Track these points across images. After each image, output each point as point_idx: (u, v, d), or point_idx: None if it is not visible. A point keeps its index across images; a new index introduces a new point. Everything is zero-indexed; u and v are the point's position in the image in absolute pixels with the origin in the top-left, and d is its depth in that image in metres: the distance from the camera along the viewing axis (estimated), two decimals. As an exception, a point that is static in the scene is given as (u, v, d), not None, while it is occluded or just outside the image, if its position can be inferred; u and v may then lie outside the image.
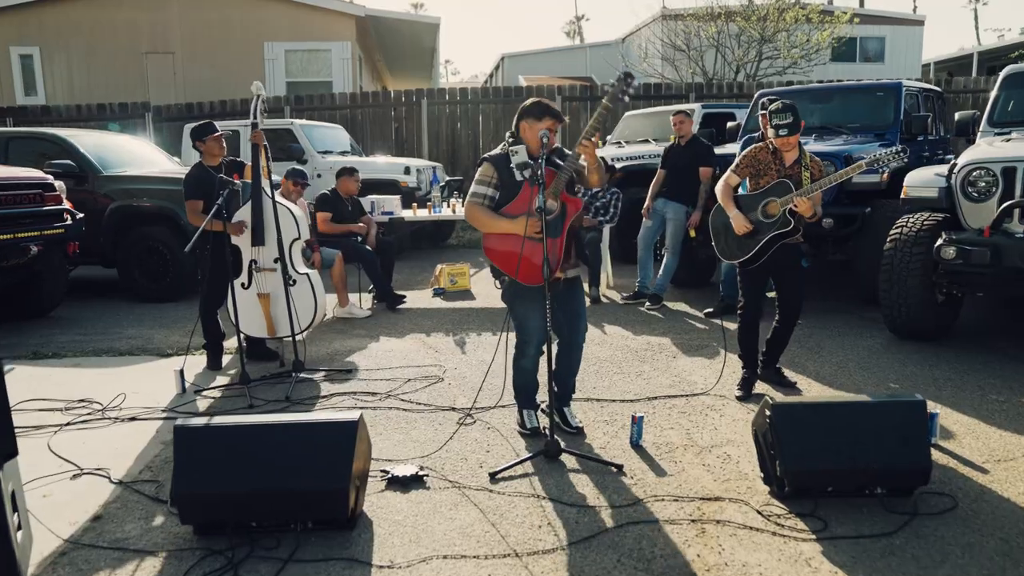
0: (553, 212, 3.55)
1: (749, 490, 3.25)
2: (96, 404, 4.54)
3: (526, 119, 3.62)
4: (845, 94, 7.56)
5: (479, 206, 3.62)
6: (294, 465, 2.95)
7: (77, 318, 6.85)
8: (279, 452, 2.97)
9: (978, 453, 3.56)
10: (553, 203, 3.55)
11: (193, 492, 2.91)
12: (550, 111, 3.59)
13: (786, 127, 4.15)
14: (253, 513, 2.96)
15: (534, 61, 22.65)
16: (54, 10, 14.71)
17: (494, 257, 3.64)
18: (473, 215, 3.64)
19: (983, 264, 4.51)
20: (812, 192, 4.11)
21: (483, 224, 3.63)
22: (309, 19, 15.39)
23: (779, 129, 4.16)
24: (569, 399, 4.04)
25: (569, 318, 3.85)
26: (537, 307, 3.68)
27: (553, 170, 3.58)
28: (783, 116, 4.16)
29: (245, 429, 3.05)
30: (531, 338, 3.79)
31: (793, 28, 14.68)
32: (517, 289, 3.68)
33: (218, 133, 5.12)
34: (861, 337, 5.54)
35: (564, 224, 3.57)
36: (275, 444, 2.99)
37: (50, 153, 7.44)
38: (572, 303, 3.84)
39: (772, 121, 4.19)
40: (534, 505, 3.18)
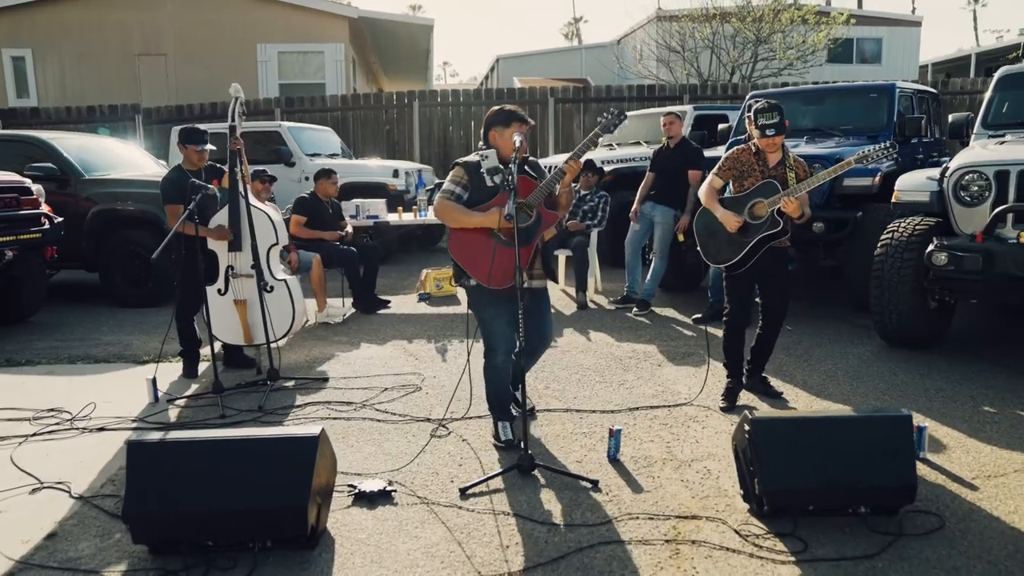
0: (528, 220, 3.52)
1: (728, 508, 3.12)
2: (66, 413, 4.43)
3: (494, 127, 3.61)
4: (838, 96, 7.45)
5: (449, 201, 3.57)
6: (251, 482, 2.83)
7: (57, 324, 6.73)
8: (236, 468, 2.85)
9: (968, 468, 3.44)
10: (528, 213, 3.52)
11: (145, 511, 2.80)
12: (516, 116, 3.57)
13: (773, 127, 4.05)
14: (209, 531, 2.84)
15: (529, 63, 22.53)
16: (46, 12, 14.61)
17: (459, 257, 3.56)
18: (443, 208, 3.58)
19: (975, 271, 4.39)
20: (801, 191, 4.00)
21: (454, 218, 3.56)
22: (302, 21, 15.28)
23: (765, 129, 4.05)
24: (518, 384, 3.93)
25: (537, 326, 3.78)
26: (503, 313, 3.64)
27: (529, 178, 3.57)
28: (769, 116, 4.06)
29: (200, 444, 2.94)
30: (498, 345, 3.70)
31: (789, 29, 14.56)
32: (483, 294, 3.62)
33: (205, 148, 5.00)
34: (852, 345, 5.41)
35: (536, 233, 3.53)
36: (232, 460, 2.87)
37: (33, 156, 7.32)
38: (538, 315, 3.77)
39: (758, 121, 4.08)
40: (503, 523, 3.06)
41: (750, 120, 4.04)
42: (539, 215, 3.53)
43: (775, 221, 4.06)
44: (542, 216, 3.53)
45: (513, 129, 3.52)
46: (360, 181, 9.41)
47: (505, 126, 3.55)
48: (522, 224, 3.46)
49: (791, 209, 3.99)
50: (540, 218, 3.53)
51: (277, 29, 15.20)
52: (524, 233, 3.45)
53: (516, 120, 3.54)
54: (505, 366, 3.78)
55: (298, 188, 9.73)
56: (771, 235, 4.09)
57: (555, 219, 3.56)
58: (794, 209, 3.98)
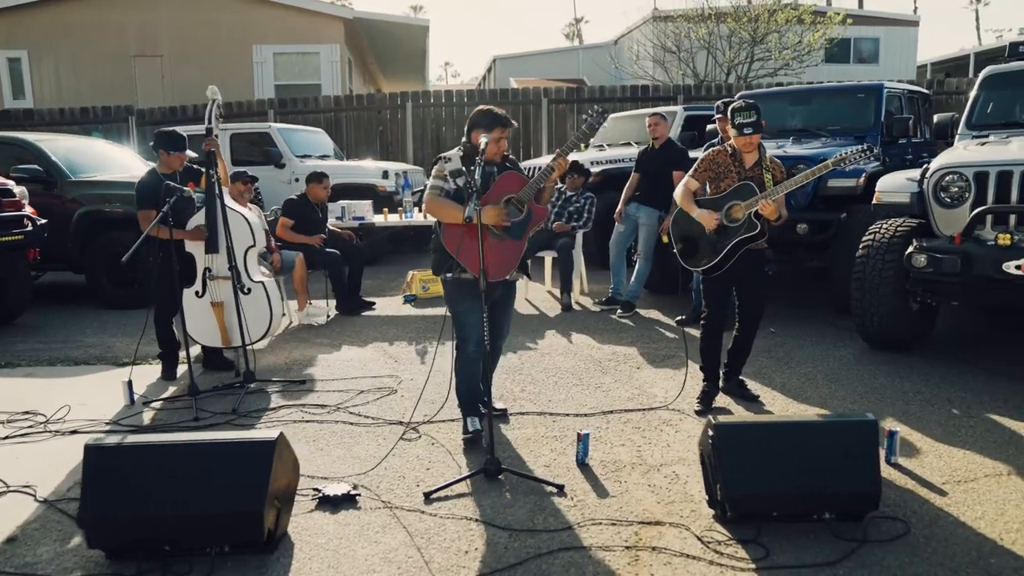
0: (520, 216, 3.60)
1: (693, 513, 3.09)
2: (40, 416, 4.41)
3: (476, 129, 3.64)
4: (826, 96, 7.41)
5: (437, 197, 3.61)
6: (208, 486, 2.81)
7: (41, 325, 6.72)
8: (193, 472, 2.83)
9: (939, 473, 3.40)
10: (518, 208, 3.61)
11: (101, 515, 2.78)
12: (499, 120, 3.61)
13: (750, 125, 4.01)
14: (165, 536, 2.81)
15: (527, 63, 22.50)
16: (42, 13, 14.63)
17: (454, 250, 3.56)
18: (432, 203, 3.61)
19: (953, 273, 4.35)
20: (778, 194, 3.96)
21: (444, 213, 3.58)
22: (298, 22, 15.28)
23: (743, 128, 4.01)
24: None
25: (495, 319, 3.81)
26: (478, 305, 3.64)
27: (516, 173, 3.64)
28: (746, 115, 4.02)
29: (158, 448, 2.92)
30: (471, 335, 3.74)
31: (785, 29, 14.50)
32: (461, 287, 3.66)
33: (184, 153, 5.00)
34: (833, 347, 5.37)
35: (527, 229, 3.59)
36: (189, 464, 2.85)
37: (19, 158, 7.31)
38: (504, 305, 3.87)
39: (735, 120, 4.04)
40: (465, 528, 3.04)
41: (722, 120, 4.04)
42: (530, 210, 3.59)
43: (752, 224, 4.02)
44: (532, 211, 3.59)
45: (495, 134, 3.56)
46: (350, 182, 9.39)
47: (488, 129, 3.57)
48: (514, 219, 3.57)
49: (768, 212, 3.95)
50: (531, 213, 3.60)
51: (273, 30, 15.20)
52: (516, 228, 3.56)
53: (499, 125, 3.58)
54: (475, 356, 3.78)
55: (287, 189, 9.72)
56: (748, 238, 4.05)
57: (545, 214, 3.66)
58: (771, 212, 3.95)
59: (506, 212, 3.53)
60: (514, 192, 3.57)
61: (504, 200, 3.55)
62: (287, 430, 4.10)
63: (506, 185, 3.57)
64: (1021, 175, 4.34)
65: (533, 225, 3.60)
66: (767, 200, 3.93)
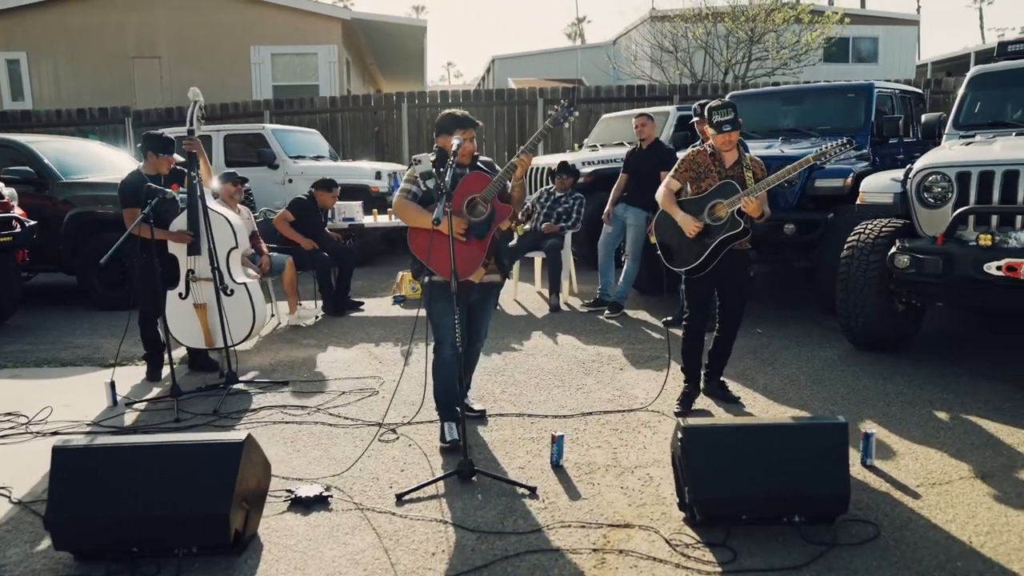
0: (483, 215, 3.61)
1: (663, 516, 3.08)
2: (22, 417, 4.42)
3: (441, 135, 3.71)
4: (816, 96, 7.38)
5: (405, 200, 3.67)
6: (175, 488, 2.81)
7: (32, 327, 6.74)
8: (160, 474, 2.83)
9: (914, 476, 3.38)
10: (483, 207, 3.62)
11: (68, 516, 2.78)
12: (460, 122, 3.66)
13: (728, 123, 3.99)
14: (133, 537, 2.82)
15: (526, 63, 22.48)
16: (40, 15, 14.67)
17: (420, 254, 3.57)
18: (400, 207, 3.68)
19: (935, 273, 4.33)
20: (760, 190, 3.94)
21: (410, 217, 3.65)
22: (295, 23, 15.29)
23: (721, 126, 4.00)
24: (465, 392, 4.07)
25: (473, 323, 3.87)
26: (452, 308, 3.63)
27: (482, 173, 3.65)
28: (724, 112, 4.00)
29: (125, 450, 2.92)
30: (446, 337, 3.75)
31: (783, 29, 14.46)
32: (436, 289, 3.68)
33: (171, 156, 5.02)
34: (819, 348, 5.35)
35: (491, 227, 3.60)
36: (156, 466, 2.85)
37: (11, 160, 7.33)
38: (481, 309, 3.88)
39: (712, 118, 4.02)
40: (434, 530, 3.03)
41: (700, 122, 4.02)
42: (493, 209, 3.61)
43: (736, 222, 4.01)
44: (496, 210, 3.61)
45: (460, 135, 3.58)
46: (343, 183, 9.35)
47: (450, 134, 3.63)
48: (477, 218, 3.58)
49: (751, 209, 3.92)
50: (494, 212, 3.61)
51: (270, 31, 15.21)
52: (479, 227, 3.57)
53: (461, 127, 3.62)
54: (452, 359, 3.78)
55: (281, 190, 9.75)
56: (732, 236, 4.03)
57: (508, 212, 3.65)
58: (754, 208, 3.93)
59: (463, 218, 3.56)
60: (478, 192, 3.58)
61: (467, 199, 3.57)
62: (266, 431, 4.14)
63: (470, 185, 3.59)
64: (1003, 175, 4.32)
65: (496, 223, 3.61)
66: (750, 197, 3.91)
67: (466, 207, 3.60)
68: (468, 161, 3.68)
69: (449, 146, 3.56)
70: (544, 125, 3.53)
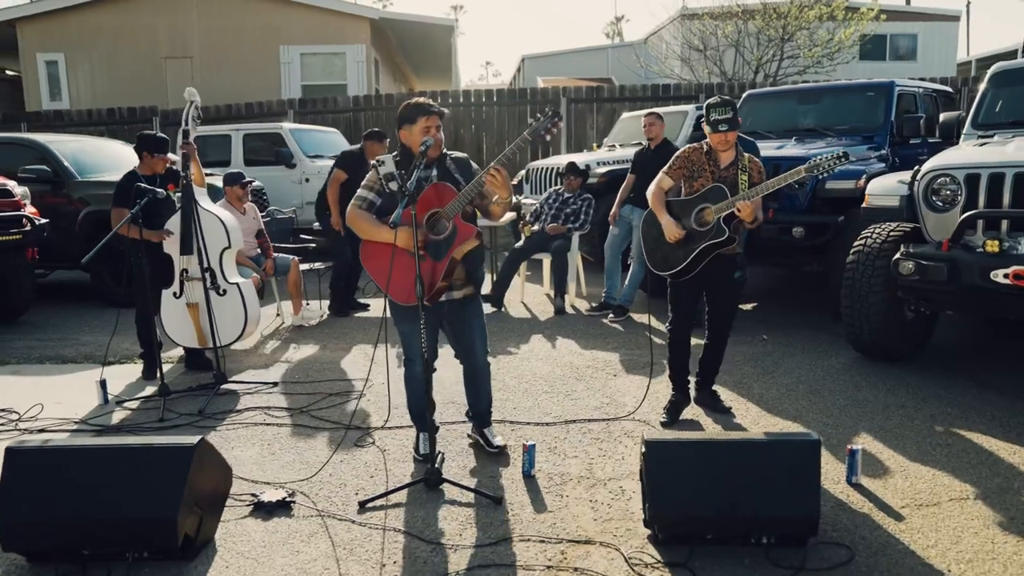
0: (444, 233, 3.32)
1: (628, 532, 2.96)
2: (15, 414, 4.48)
3: (402, 126, 3.42)
4: (835, 94, 7.13)
5: (359, 210, 3.40)
6: (125, 491, 2.79)
7: (43, 323, 6.86)
8: (111, 477, 2.82)
9: (900, 496, 3.20)
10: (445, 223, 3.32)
11: (16, 518, 2.77)
12: (421, 109, 3.34)
13: (726, 122, 3.81)
14: (83, 540, 2.80)
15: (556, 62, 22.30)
16: (77, 17, 15.01)
17: (369, 268, 3.43)
18: (353, 218, 3.41)
19: (939, 281, 4.11)
20: (748, 199, 3.76)
21: (362, 230, 3.40)
22: (324, 23, 15.39)
23: (718, 125, 3.81)
24: (486, 421, 3.81)
25: (460, 340, 3.64)
26: (418, 326, 3.49)
27: (448, 185, 3.34)
28: (722, 111, 3.83)
29: (78, 452, 2.91)
30: (414, 355, 3.58)
31: (816, 26, 14.07)
32: (396, 306, 3.48)
33: (166, 156, 5.05)
34: (824, 356, 5.14)
35: (449, 250, 3.29)
36: (107, 469, 2.84)
37: (30, 159, 7.48)
38: (462, 324, 3.61)
39: (710, 116, 3.84)
40: (391, 540, 2.96)
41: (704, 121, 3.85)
42: (455, 228, 3.29)
43: (721, 230, 3.84)
44: (458, 230, 3.28)
45: (420, 125, 3.33)
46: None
47: (412, 123, 3.35)
48: (437, 236, 3.30)
49: (745, 214, 3.75)
50: (455, 232, 3.28)
51: (300, 31, 15.33)
52: (436, 247, 3.28)
53: (422, 114, 3.33)
54: (424, 377, 3.68)
55: (298, 190, 9.80)
56: (715, 244, 3.87)
57: (471, 233, 3.30)
58: (747, 215, 3.75)
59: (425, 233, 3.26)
60: (441, 205, 3.29)
61: (429, 213, 3.28)
62: (246, 432, 4.13)
63: (435, 196, 3.29)
64: (1014, 178, 4.07)
65: (457, 246, 3.27)
66: (743, 202, 3.74)
67: (427, 222, 3.28)
68: (436, 154, 3.38)
69: (413, 141, 3.36)
70: (522, 136, 3.26)
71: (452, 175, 3.43)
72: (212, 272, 4.94)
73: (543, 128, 3.30)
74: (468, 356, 3.66)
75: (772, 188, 3.80)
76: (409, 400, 3.75)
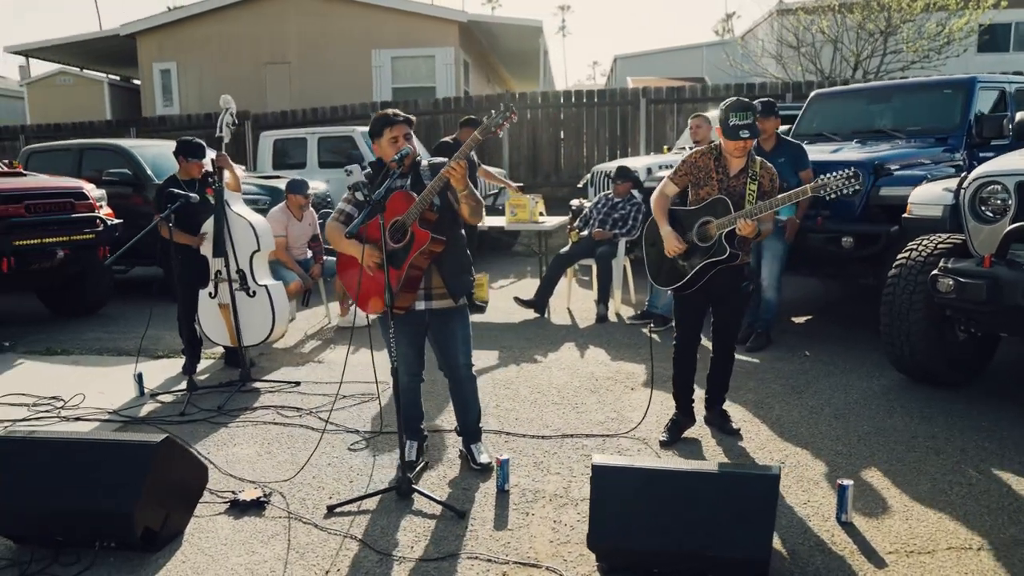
0: (402, 241, 3.30)
1: (580, 558, 2.84)
2: (60, 402, 4.82)
3: (373, 140, 3.44)
4: (907, 93, 6.60)
5: (334, 222, 3.48)
6: (91, 484, 2.93)
7: (116, 317, 7.35)
8: (79, 470, 2.97)
9: (892, 539, 2.90)
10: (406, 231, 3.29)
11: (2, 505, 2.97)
12: (384, 120, 3.35)
13: (747, 129, 3.54)
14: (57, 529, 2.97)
15: (648, 62, 21.81)
16: (188, 27, 16.05)
17: (343, 280, 3.47)
18: (328, 231, 3.49)
19: (978, 300, 3.70)
20: (751, 216, 3.52)
21: (334, 241, 3.46)
22: (414, 26, 15.74)
23: (739, 131, 3.53)
24: (473, 436, 3.75)
25: (442, 351, 3.61)
26: (401, 336, 3.54)
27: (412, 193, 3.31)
28: (744, 115, 3.55)
29: (51, 444, 3.08)
30: (400, 364, 3.57)
31: (923, 18, 13.04)
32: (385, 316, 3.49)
33: (201, 160, 5.30)
34: (865, 378, 4.75)
35: (406, 257, 3.27)
36: (75, 462, 2.99)
37: (114, 163, 8.05)
38: (445, 335, 3.56)
39: (730, 120, 3.56)
40: (345, 547, 2.98)
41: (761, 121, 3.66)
42: (412, 235, 3.26)
43: (722, 247, 3.59)
44: (415, 236, 3.26)
45: (388, 136, 3.32)
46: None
47: (379, 136, 3.36)
48: (397, 244, 3.30)
49: (747, 231, 3.52)
50: (413, 239, 3.26)
51: (391, 35, 15.75)
52: (395, 255, 3.27)
53: (389, 126, 3.33)
54: (409, 384, 3.69)
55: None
56: (716, 262, 3.65)
57: (426, 239, 3.24)
58: (749, 231, 3.52)
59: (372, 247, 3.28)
60: (402, 213, 3.27)
61: (392, 223, 3.26)
62: (255, 430, 4.26)
63: (396, 205, 3.26)
64: (1070, 187, 3.62)
65: (414, 253, 3.24)
66: (745, 220, 3.50)
67: (390, 230, 3.27)
68: (408, 165, 3.34)
69: (384, 153, 3.36)
70: (472, 136, 3.21)
71: (423, 182, 3.38)
72: (242, 274, 5.13)
73: (494, 125, 3.21)
74: (450, 368, 3.63)
75: (776, 207, 3.55)
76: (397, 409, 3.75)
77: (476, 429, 3.74)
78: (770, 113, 5.24)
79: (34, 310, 7.51)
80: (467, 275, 3.56)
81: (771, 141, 5.33)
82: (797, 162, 5.19)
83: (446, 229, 3.38)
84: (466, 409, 3.70)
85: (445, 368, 3.65)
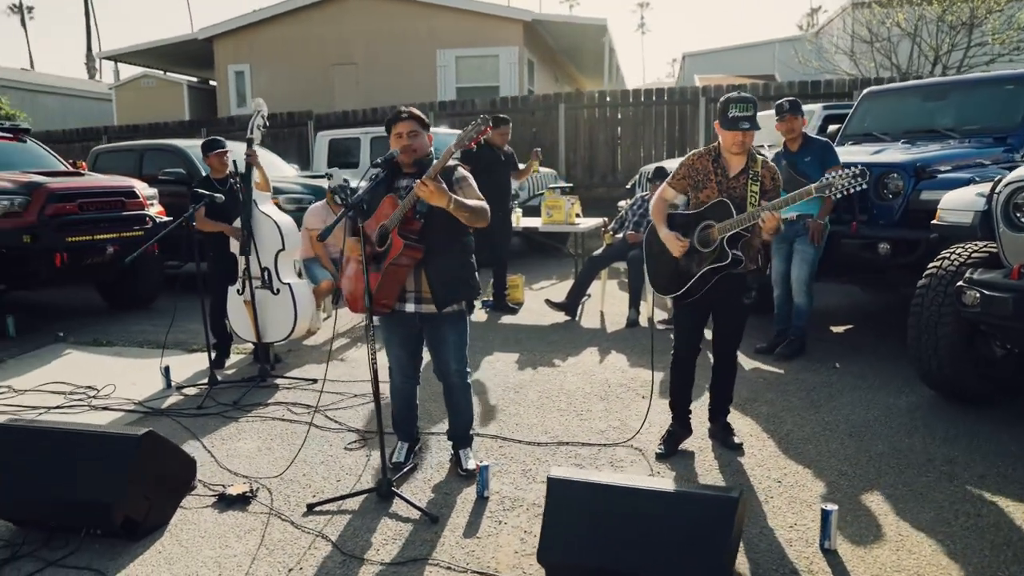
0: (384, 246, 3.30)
1: (539, 571, 2.77)
2: (94, 391, 5.06)
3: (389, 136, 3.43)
4: (965, 89, 6.17)
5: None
6: (76, 474, 3.07)
7: (164, 310, 7.65)
8: (66, 460, 3.10)
9: (875, 571, 2.72)
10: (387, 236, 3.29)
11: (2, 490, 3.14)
12: (393, 118, 3.36)
13: (747, 120, 3.41)
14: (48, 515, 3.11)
15: (717, 59, 21.19)
16: (262, 30, 16.61)
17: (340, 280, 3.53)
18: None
19: (1004, 315, 3.42)
20: (750, 222, 3.37)
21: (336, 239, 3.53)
22: (478, 26, 15.82)
23: (739, 122, 3.39)
24: (463, 441, 3.72)
25: (435, 356, 3.61)
26: (393, 337, 3.59)
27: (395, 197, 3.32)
28: (744, 107, 3.42)
29: (42, 433, 3.23)
30: (392, 365, 3.67)
31: (1013, 7, 12.19)
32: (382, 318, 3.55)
33: (221, 151, 5.47)
34: (893, 394, 4.47)
35: (384, 262, 3.27)
36: (67, 451, 3.12)
37: (173, 162, 8.40)
38: (436, 340, 3.54)
39: (730, 112, 3.42)
40: (314, 547, 3.02)
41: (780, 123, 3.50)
42: (390, 242, 3.26)
43: (723, 253, 3.45)
44: (392, 243, 3.25)
45: (394, 132, 3.33)
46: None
47: (389, 134, 3.39)
48: (380, 248, 3.30)
49: (771, 225, 3.32)
50: (390, 246, 3.26)
51: (455, 35, 15.88)
52: (374, 259, 3.30)
53: (393, 122, 3.35)
54: (402, 386, 3.71)
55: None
56: (717, 268, 3.50)
57: (399, 248, 3.22)
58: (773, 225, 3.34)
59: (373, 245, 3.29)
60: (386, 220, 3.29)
61: (379, 227, 3.28)
62: (263, 425, 4.36)
63: (385, 209, 3.29)
64: (1109, 194, 3.29)
65: (389, 258, 3.24)
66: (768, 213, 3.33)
67: (377, 236, 3.30)
68: (410, 161, 3.34)
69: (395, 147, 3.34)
70: (447, 149, 3.14)
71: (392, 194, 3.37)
72: (267, 272, 5.26)
73: (468, 138, 3.15)
74: (441, 373, 3.62)
75: (779, 207, 3.38)
76: (392, 409, 3.79)
77: (466, 435, 3.72)
78: (797, 112, 5.01)
79: (93, 303, 7.92)
80: (462, 283, 3.46)
81: (797, 141, 5.10)
82: (825, 160, 4.94)
83: (437, 236, 3.33)
84: (457, 414, 3.68)
85: (437, 372, 3.64)
